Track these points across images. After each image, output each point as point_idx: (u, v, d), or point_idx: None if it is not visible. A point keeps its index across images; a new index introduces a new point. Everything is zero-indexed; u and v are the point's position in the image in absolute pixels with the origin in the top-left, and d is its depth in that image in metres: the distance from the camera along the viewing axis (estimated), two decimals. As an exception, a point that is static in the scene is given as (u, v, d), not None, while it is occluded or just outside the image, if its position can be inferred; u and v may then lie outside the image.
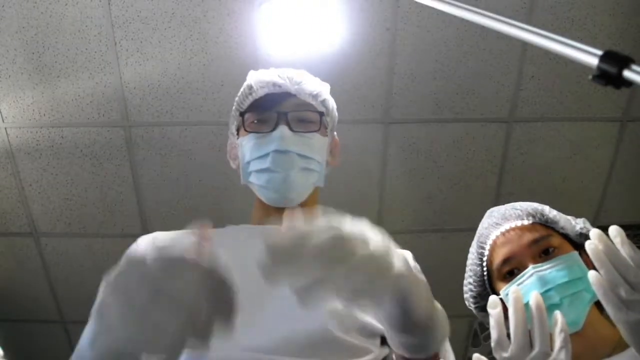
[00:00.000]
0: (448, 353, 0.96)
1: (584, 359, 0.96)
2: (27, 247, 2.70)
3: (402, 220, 2.69)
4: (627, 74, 0.54)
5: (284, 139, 0.98)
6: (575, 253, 1.04)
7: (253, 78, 1.07)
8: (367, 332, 0.86)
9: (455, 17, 0.75)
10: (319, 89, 1.08)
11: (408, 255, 1.01)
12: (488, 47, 2.28)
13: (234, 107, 1.10)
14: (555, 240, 1.07)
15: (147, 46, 2.21)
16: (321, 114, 1.05)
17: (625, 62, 0.54)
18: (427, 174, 2.58)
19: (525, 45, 2.26)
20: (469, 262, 1.18)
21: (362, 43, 2.24)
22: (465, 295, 1.20)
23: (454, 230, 2.73)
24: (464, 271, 1.26)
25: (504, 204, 1.21)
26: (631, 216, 2.73)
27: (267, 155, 0.99)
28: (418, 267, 0.98)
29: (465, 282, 1.19)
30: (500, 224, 1.12)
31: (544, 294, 0.98)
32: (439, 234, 2.74)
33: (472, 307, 1.19)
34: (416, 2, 0.82)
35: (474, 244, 1.18)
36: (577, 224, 1.12)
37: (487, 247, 1.13)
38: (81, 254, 2.69)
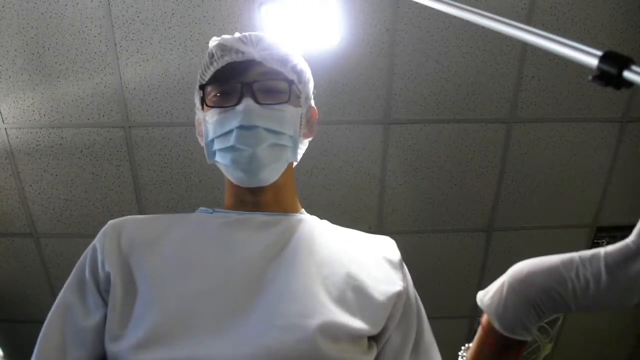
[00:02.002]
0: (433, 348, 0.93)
1: None
2: (27, 248, 2.70)
3: (402, 220, 2.69)
4: (627, 74, 0.54)
5: (249, 113, 0.88)
6: None
7: (214, 45, 0.95)
8: (356, 337, 0.81)
9: (455, 17, 0.75)
10: (288, 53, 0.94)
11: (393, 243, 0.97)
12: (488, 48, 2.28)
13: (197, 79, 0.98)
14: None
15: (147, 47, 2.21)
16: (291, 82, 0.93)
17: (625, 62, 0.54)
18: (427, 174, 2.58)
19: (525, 45, 2.26)
20: None
21: (362, 44, 2.24)
22: None
23: (454, 230, 2.73)
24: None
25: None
26: (631, 217, 2.73)
27: (230, 132, 0.89)
28: (401, 258, 0.94)
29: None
30: None
31: None
32: (439, 234, 2.74)
33: None
34: (416, 3, 0.82)
35: None
36: None
37: None
38: (81, 254, 2.68)
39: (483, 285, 0.73)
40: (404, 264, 0.94)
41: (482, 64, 2.31)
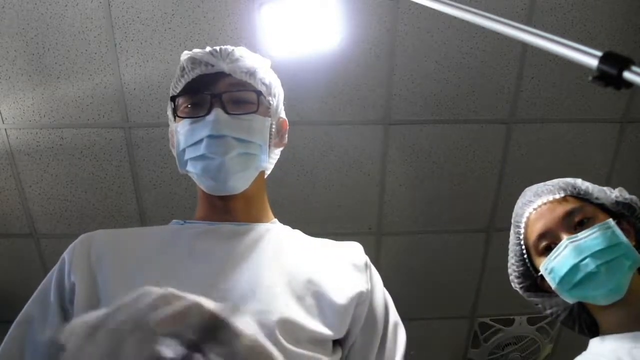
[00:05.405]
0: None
1: (629, 327, 0.95)
2: (27, 248, 2.70)
3: (402, 220, 2.69)
4: (627, 75, 0.54)
5: (219, 123, 0.91)
6: (610, 220, 1.03)
7: (185, 58, 0.98)
8: (318, 340, 0.83)
9: (455, 18, 0.75)
10: (256, 65, 0.98)
11: (359, 247, 0.99)
12: (488, 49, 2.28)
13: (169, 92, 1.02)
14: (590, 211, 1.06)
15: (147, 47, 2.21)
16: (259, 93, 0.96)
17: (625, 63, 0.54)
18: (427, 175, 2.58)
19: (525, 46, 2.26)
20: (510, 244, 1.18)
21: (362, 44, 2.24)
22: (510, 277, 1.18)
23: (454, 231, 2.73)
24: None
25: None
26: (631, 217, 2.73)
27: (200, 141, 0.92)
28: (369, 260, 0.96)
29: (508, 263, 1.19)
30: (532, 201, 1.12)
31: (579, 263, 0.98)
32: (439, 234, 2.74)
33: (517, 287, 1.17)
34: (416, 3, 0.82)
35: (512, 224, 1.17)
36: (613, 193, 1.11)
37: (522, 225, 1.12)
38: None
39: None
40: (372, 267, 0.96)
41: (482, 64, 2.31)
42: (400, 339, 0.94)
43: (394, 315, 0.96)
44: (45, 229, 2.64)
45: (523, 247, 1.12)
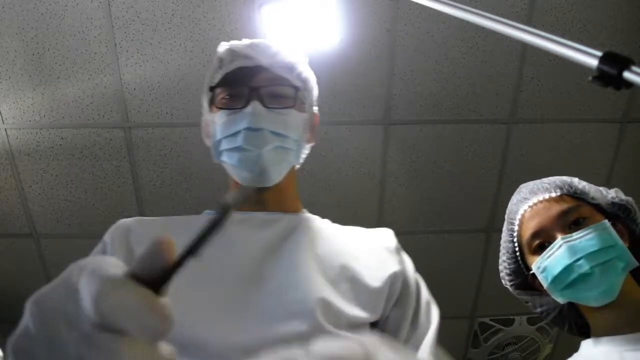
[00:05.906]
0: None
1: (621, 330, 0.95)
2: (27, 249, 2.70)
3: (402, 220, 2.69)
4: (627, 75, 0.54)
5: (256, 116, 0.92)
6: (606, 222, 1.02)
7: (223, 50, 0.99)
8: (356, 324, 0.84)
9: (455, 18, 0.75)
10: (295, 61, 1.00)
11: (390, 232, 1.00)
12: (488, 49, 2.28)
13: (205, 82, 1.02)
14: (586, 211, 1.05)
15: (147, 47, 2.21)
16: (297, 88, 0.99)
17: (625, 63, 0.54)
18: (427, 175, 2.58)
19: (525, 46, 2.26)
20: (502, 240, 1.18)
21: (362, 44, 2.24)
22: (501, 274, 1.18)
23: (454, 231, 2.73)
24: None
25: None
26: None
27: (238, 133, 0.93)
28: (399, 245, 0.97)
29: (500, 260, 1.18)
30: (528, 198, 1.11)
31: (573, 264, 0.97)
32: (439, 234, 2.74)
33: (507, 285, 1.17)
34: (416, 4, 0.82)
35: (505, 221, 1.17)
36: (609, 194, 1.11)
37: (517, 222, 1.12)
38: (81, 255, 2.65)
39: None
40: (402, 250, 0.98)
41: (482, 64, 2.32)
42: (434, 314, 0.96)
43: (426, 294, 0.97)
44: (45, 229, 2.64)
45: (516, 244, 1.12)
